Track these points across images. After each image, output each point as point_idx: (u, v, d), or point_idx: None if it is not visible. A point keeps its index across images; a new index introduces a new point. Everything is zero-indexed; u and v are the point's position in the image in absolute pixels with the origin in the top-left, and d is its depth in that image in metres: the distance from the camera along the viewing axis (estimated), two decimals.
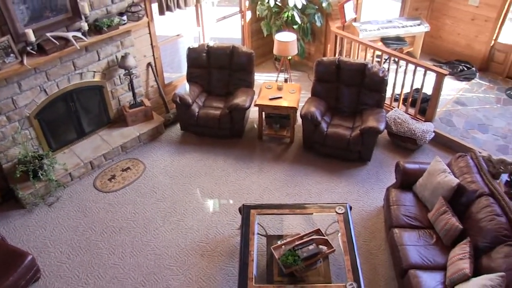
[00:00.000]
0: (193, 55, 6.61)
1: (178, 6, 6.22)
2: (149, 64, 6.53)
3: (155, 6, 6.10)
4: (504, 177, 5.08)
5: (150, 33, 6.30)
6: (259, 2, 7.42)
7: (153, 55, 6.54)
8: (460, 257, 4.14)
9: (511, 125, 6.94)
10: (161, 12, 6.10)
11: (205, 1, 6.68)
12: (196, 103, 6.43)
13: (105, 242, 5.07)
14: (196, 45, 6.67)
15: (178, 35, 6.85)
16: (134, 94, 6.33)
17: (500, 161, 5.20)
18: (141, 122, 6.48)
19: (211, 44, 6.66)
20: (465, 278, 3.95)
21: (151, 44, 6.42)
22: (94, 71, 5.84)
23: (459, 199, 4.69)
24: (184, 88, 6.52)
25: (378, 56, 7.36)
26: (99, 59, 5.81)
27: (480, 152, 5.20)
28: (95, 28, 5.49)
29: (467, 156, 5.04)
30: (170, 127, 6.82)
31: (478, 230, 4.31)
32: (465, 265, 4.01)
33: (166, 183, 5.83)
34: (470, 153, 5.11)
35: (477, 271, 4.04)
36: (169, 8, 6.12)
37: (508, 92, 7.79)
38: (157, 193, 5.69)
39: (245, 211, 4.78)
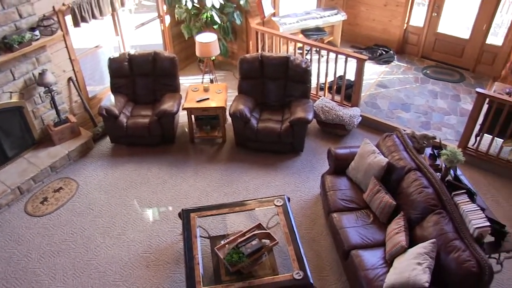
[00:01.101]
0: (114, 65, 6.47)
1: (94, 17, 6.05)
2: (70, 79, 6.31)
3: (69, 18, 5.89)
4: (428, 150, 5.35)
5: (67, 46, 6.09)
6: (176, 6, 7.37)
7: (73, 69, 6.32)
8: (396, 232, 4.34)
9: (430, 102, 7.35)
10: (76, 24, 5.91)
11: (121, 9, 6.54)
12: (124, 114, 6.30)
13: (44, 268, 4.86)
14: (116, 54, 6.53)
15: (97, 46, 6.67)
16: (57, 112, 6.10)
17: (423, 136, 5.47)
18: (68, 139, 6.26)
19: (132, 52, 6.54)
20: (403, 250, 4.15)
21: (70, 58, 6.20)
22: (11, 92, 5.57)
23: (390, 177, 4.92)
24: (109, 99, 6.36)
25: (300, 48, 7.53)
26: (14, 79, 5.54)
27: (404, 130, 5.46)
28: (5, 46, 5.22)
29: (393, 135, 5.30)
30: (100, 141, 6.63)
31: (409, 203, 4.55)
32: (401, 238, 4.22)
33: (102, 198, 5.68)
34: (396, 132, 5.37)
35: (412, 241, 4.26)
36: (84, 19, 5.94)
37: (425, 71, 8.24)
38: (93, 209, 5.53)
39: (185, 215, 4.76)
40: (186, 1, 7.11)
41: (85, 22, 5.97)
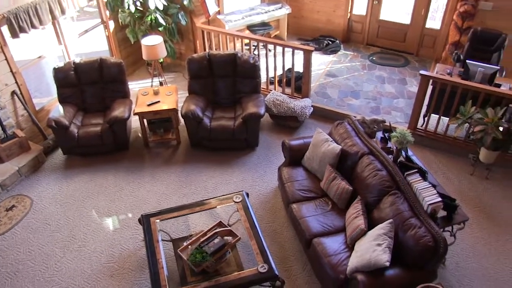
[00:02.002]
0: (60, 75, 6.30)
1: (33, 26, 5.85)
2: (13, 92, 6.09)
3: (5, 29, 5.67)
4: (379, 134, 5.50)
5: (6, 59, 5.86)
6: (120, 10, 7.24)
7: (16, 82, 6.10)
8: (355, 216, 4.46)
9: (378, 87, 7.56)
10: (14, 34, 5.69)
11: (62, 17, 6.37)
12: (74, 124, 6.15)
13: None
14: (61, 64, 6.35)
15: (40, 56, 6.46)
16: (3, 127, 5.88)
17: (373, 121, 5.62)
18: (17, 155, 6.05)
19: (78, 60, 6.39)
20: (362, 233, 4.26)
21: (11, 70, 5.98)
22: None
23: (344, 163, 5.03)
24: (58, 110, 6.19)
25: (247, 44, 7.57)
26: None
27: (355, 117, 5.59)
28: None
29: (345, 123, 5.42)
30: (52, 154, 6.45)
31: (365, 187, 4.67)
32: (360, 222, 4.33)
33: (59, 212, 5.53)
34: (347, 119, 5.49)
35: (371, 224, 4.38)
36: (22, 30, 5.74)
37: (371, 58, 8.46)
38: (50, 224, 5.37)
39: (145, 221, 4.70)
40: (129, 5, 7.00)
41: (24, 33, 5.77)
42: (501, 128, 5.41)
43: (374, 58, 8.41)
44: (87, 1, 6.68)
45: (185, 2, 7.24)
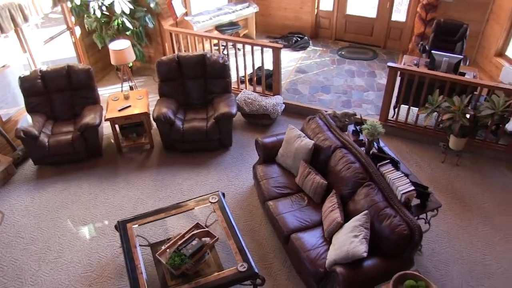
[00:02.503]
0: (26, 84, 6.16)
1: None
2: None
3: None
4: (350, 127, 5.57)
5: None
6: (85, 16, 7.13)
7: None
8: (331, 209, 4.50)
9: (348, 81, 7.65)
10: None
11: (25, 24, 6.24)
12: (44, 133, 6.03)
13: None
14: (27, 72, 6.22)
15: (4, 66, 6.31)
16: None
17: (344, 115, 5.68)
18: None
19: (44, 68, 6.26)
20: (339, 226, 4.31)
21: None
22: None
23: (318, 158, 5.07)
24: (26, 120, 6.06)
25: (216, 45, 7.56)
26: None
27: (326, 111, 5.64)
28: None
29: (316, 118, 5.46)
30: (22, 165, 6.30)
31: (339, 180, 4.72)
32: (336, 215, 4.37)
33: (32, 224, 5.41)
34: (318, 114, 5.54)
35: (347, 216, 4.42)
36: None
37: (340, 52, 8.55)
38: (24, 237, 5.25)
39: (121, 227, 4.65)
40: (94, 10, 6.91)
41: None
42: (467, 115, 5.55)
43: (343, 53, 8.51)
44: (51, 8, 6.55)
45: (152, 5, 7.19)
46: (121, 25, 7.17)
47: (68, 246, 5.11)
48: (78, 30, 7.34)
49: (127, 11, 6.99)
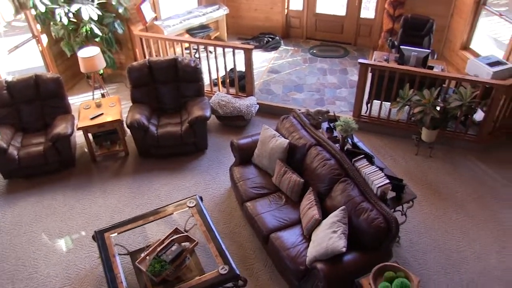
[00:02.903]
0: None
1: None
2: None
3: None
4: (324, 125, 5.60)
5: None
6: (51, 23, 6.99)
7: None
8: (308, 207, 4.52)
9: (320, 79, 7.71)
10: None
11: None
12: (13, 146, 5.88)
13: None
14: None
15: None
16: None
17: (317, 112, 5.71)
18: None
19: (10, 79, 6.11)
20: (318, 223, 4.33)
21: None
22: None
23: (294, 157, 5.10)
24: None
25: (187, 48, 7.52)
26: None
27: (299, 110, 5.67)
28: None
29: (290, 117, 5.49)
30: None
31: (316, 178, 4.75)
32: (314, 212, 4.40)
33: (3, 241, 5.23)
34: (292, 113, 5.57)
35: (325, 213, 4.45)
36: None
37: (311, 51, 8.61)
38: None
39: (99, 237, 4.57)
40: (60, 17, 6.77)
41: None
42: (438, 108, 5.67)
43: (314, 51, 8.57)
44: (13, 15, 6.40)
45: (120, 11, 7.11)
46: (89, 32, 7.06)
47: (44, 260, 4.99)
48: (45, 38, 7.18)
49: (95, 18, 6.89)
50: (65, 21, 6.83)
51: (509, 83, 5.59)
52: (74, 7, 6.78)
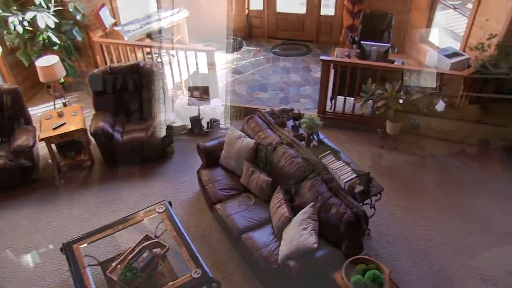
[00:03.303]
0: None
1: None
2: None
3: None
4: (289, 123, 5.64)
5: None
6: (5, 32, 6.74)
7: None
8: (278, 206, 4.54)
9: (284, 78, 7.76)
10: None
11: None
12: None
13: None
14: None
15: None
16: None
17: (282, 111, 5.75)
18: None
19: None
20: (288, 221, 4.35)
21: None
22: None
23: (261, 156, 5.09)
24: None
25: (149, 53, 7.43)
26: None
27: (264, 109, 5.69)
28: None
29: (255, 116, 5.51)
30: None
31: (284, 176, 4.78)
32: (284, 210, 4.42)
33: None
34: (257, 112, 5.58)
35: (296, 210, 4.45)
36: None
37: (274, 50, 8.67)
38: None
39: (67, 249, 4.47)
40: (14, 26, 6.56)
41: None
42: (401, 100, 5.78)
43: (277, 50, 8.62)
44: None
45: (78, 17, 6.95)
46: (47, 40, 6.86)
47: (9, 278, 4.80)
48: None
49: (52, 25, 6.70)
50: (19, 29, 6.61)
51: (466, 73, 5.76)
52: (29, 15, 6.57)
